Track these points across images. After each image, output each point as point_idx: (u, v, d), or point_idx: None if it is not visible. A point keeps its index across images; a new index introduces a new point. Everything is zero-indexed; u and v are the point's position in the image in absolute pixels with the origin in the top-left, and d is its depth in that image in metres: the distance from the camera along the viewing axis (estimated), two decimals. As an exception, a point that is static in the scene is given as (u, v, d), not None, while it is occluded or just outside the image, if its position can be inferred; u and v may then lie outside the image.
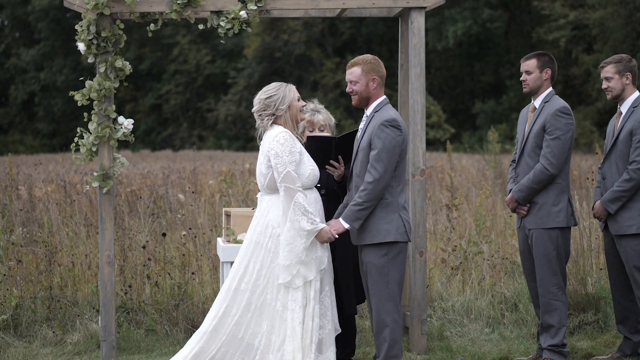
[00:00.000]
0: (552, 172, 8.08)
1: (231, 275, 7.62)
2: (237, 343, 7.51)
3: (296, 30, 52.04)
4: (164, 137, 54.87)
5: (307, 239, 7.38)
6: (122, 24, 8.84)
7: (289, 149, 7.45)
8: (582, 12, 43.72)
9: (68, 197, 14.36)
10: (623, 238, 8.25)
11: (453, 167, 17.83)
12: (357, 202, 7.44)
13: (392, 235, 7.46)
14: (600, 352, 8.82)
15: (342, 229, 7.48)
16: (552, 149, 8.09)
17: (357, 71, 7.66)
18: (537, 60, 8.35)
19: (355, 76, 7.67)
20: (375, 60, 7.70)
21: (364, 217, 7.46)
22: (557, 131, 8.10)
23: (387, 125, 7.46)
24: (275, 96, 7.62)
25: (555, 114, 8.13)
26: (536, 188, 8.14)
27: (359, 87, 7.65)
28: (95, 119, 8.76)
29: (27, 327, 9.72)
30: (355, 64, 7.70)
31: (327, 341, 7.59)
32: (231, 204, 14.14)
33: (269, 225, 7.56)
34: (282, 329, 7.44)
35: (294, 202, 7.36)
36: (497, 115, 45.03)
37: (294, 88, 7.71)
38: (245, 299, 7.51)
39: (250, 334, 7.50)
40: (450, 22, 48.15)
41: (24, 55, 57.89)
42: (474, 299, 10.13)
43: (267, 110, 7.62)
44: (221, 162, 28.55)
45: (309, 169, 7.58)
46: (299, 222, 7.36)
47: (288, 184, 7.40)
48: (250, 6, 8.73)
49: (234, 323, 7.50)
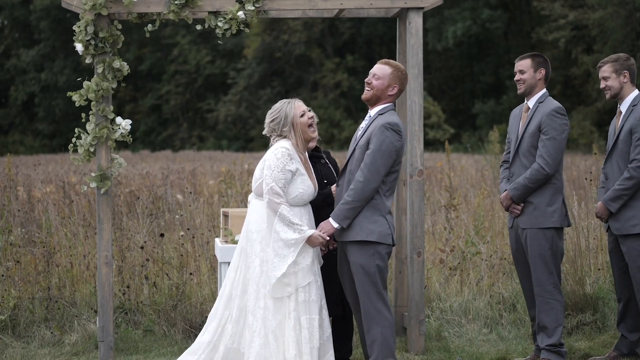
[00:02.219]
0: (548, 172, 8.10)
1: (225, 282, 7.83)
2: (233, 353, 7.63)
3: (296, 30, 52.06)
4: (163, 138, 54.91)
5: (295, 248, 7.46)
6: (120, 24, 8.84)
7: (282, 166, 7.53)
8: (581, 12, 43.74)
9: (67, 197, 14.37)
10: (627, 238, 8.25)
11: (452, 167, 17.83)
12: (346, 201, 7.46)
13: (374, 235, 7.46)
14: (598, 353, 8.82)
15: (332, 229, 7.50)
16: (548, 148, 8.11)
17: (387, 70, 7.68)
18: (531, 60, 8.37)
19: (382, 73, 7.68)
20: (406, 74, 7.78)
21: (353, 217, 7.47)
22: (553, 131, 8.12)
23: (388, 128, 7.47)
24: (277, 119, 7.74)
25: (550, 114, 8.15)
26: (532, 187, 8.16)
27: (379, 85, 7.66)
28: (93, 120, 8.76)
29: (25, 328, 9.72)
30: (388, 63, 7.73)
31: (323, 350, 7.61)
32: (230, 205, 14.15)
33: (250, 230, 7.68)
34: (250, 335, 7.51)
35: (279, 214, 7.48)
36: (497, 115, 45.03)
37: (298, 103, 7.77)
38: (236, 306, 7.65)
39: (242, 342, 7.62)
40: (449, 22, 48.19)
41: (24, 56, 57.92)
42: (472, 299, 10.14)
43: (274, 133, 7.77)
44: (221, 163, 28.57)
45: (299, 190, 7.64)
46: (285, 232, 7.45)
47: (271, 197, 7.52)
48: (248, 7, 8.73)
49: (230, 334, 7.65)
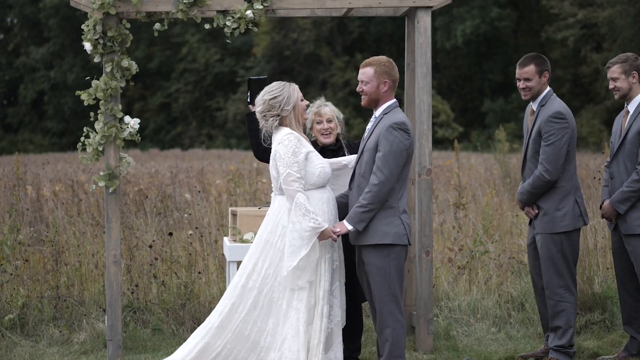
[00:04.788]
0: (548, 179, 8.08)
1: (239, 272, 7.62)
2: (243, 340, 7.51)
3: (305, 28, 52.01)
4: (172, 136, 54.88)
5: (310, 240, 7.37)
6: (128, 23, 8.85)
7: (292, 151, 7.43)
8: (590, 10, 43.62)
9: (75, 196, 14.39)
10: (632, 237, 8.23)
11: (461, 166, 17.81)
12: (362, 204, 7.43)
13: (390, 238, 7.44)
14: (606, 352, 8.80)
15: (346, 230, 7.47)
16: (547, 155, 8.09)
17: (370, 72, 7.60)
18: (534, 65, 8.28)
19: (367, 77, 7.62)
20: (390, 63, 7.65)
21: (368, 219, 7.44)
22: (552, 137, 8.09)
23: (395, 128, 7.43)
24: (280, 96, 7.59)
25: (548, 120, 8.12)
26: (535, 192, 8.17)
27: (369, 88, 7.61)
28: (101, 119, 8.77)
29: (33, 327, 9.74)
30: (368, 64, 7.64)
31: (331, 340, 7.59)
32: (238, 204, 14.15)
33: (279, 224, 7.55)
34: (286, 327, 7.44)
35: (295, 202, 7.37)
36: (506, 114, 44.94)
37: (297, 88, 7.69)
38: (253, 296, 7.51)
39: (257, 331, 7.50)
40: (458, 20, 48.09)
41: (34, 54, 57.91)
42: (481, 298, 10.13)
43: (272, 110, 7.59)
44: (229, 161, 28.56)
45: (319, 167, 7.55)
46: (300, 222, 7.36)
47: (287, 186, 7.42)
48: (257, 6, 8.73)
49: (241, 320, 7.50)
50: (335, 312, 7.61)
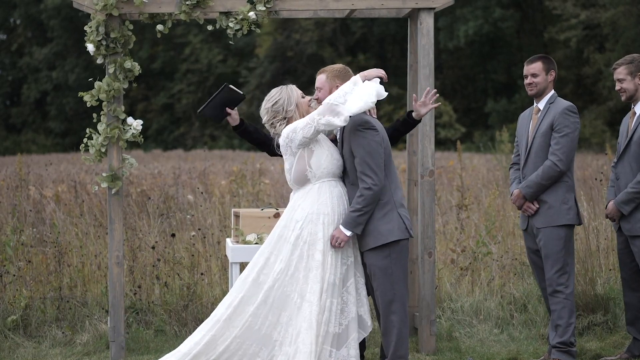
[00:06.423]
0: (561, 169, 8.11)
1: (250, 266, 7.58)
2: (254, 334, 7.46)
3: (308, 29, 52.04)
4: (175, 137, 54.92)
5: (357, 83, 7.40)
6: (131, 24, 8.85)
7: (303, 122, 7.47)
8: (593, 11, 43.61)
9: (78, 197, 14.40)
10: (637, 239, 8.23)
11: (464, 167, 17.80)
12: (356, 209, 7.43)
13: (394, 235, 7.45)
14: (609, 353, 8.79)
15: (345, 237, 7.46)
16: (561, 145, 8.13)
17: (323, 78, 7.73)
18: (542, 63, 8.37)
19: (320, 83, 7.74)
20: (345, 70, 7.76)
21: (365, 222, 7.45)
22: (566, 129, 8.15)
23: (361, 129, 7.46)
24: (280, 100, 7.66)
25: (564, 112, 8.18)
26: (545, 184, 8.16)
27: (323, 96, 7.67)
28: (104, 120, 8.77)
29: (36, 328, 9.74)
30: (323, 71, 7.79)
31: (346, 335, 7.56)
32: (241, 205, 14.15)
33: (293, 219, 7.55)
34: (299, 320, 7.42)
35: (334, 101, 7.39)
36: (509, 114, 44.89)
37: (295, 87, 7.76)
38: (264, 290, 7.47)
39: (268, 325, 7.46)
40: (461, 21, 48.09)
41: (37, 54, 57.96)
42: (483, 299, 10.12)
43: (278, 116, 7.68)
44: (232, 162, 28.57)
45: (325, 153, 7.57)
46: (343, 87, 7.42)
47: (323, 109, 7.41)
48: (259, 7, 8.74)
49: (251, 314, 7.46)
50: (350, 309, 7.56)
